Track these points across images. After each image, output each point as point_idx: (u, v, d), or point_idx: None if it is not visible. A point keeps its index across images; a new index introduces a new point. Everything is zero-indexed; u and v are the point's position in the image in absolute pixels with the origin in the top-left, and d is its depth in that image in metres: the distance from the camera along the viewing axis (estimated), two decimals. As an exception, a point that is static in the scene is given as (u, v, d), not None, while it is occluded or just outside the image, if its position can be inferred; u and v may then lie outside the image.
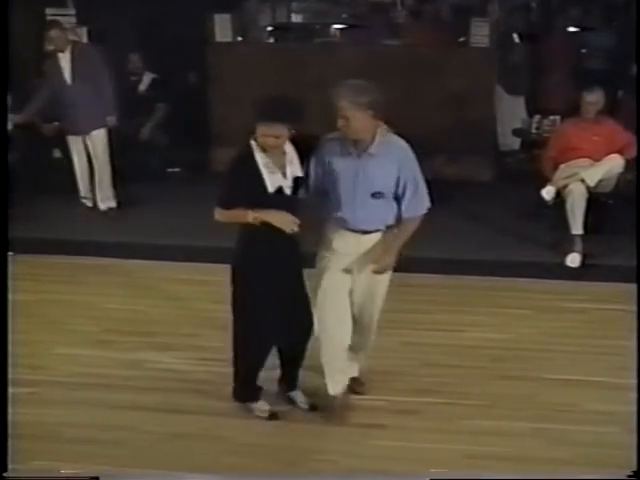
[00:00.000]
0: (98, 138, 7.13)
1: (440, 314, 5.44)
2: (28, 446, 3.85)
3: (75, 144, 7.23)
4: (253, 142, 3.75)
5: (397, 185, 3.90)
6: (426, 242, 6.46)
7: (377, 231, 3.99)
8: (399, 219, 3.99)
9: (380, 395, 4.44)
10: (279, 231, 3.74)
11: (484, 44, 8.15)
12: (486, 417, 4.24)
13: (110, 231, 6.87)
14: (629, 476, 3.34)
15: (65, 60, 6.97)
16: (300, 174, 3.84)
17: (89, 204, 7.45)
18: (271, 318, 3.95)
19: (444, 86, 8.04)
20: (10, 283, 3.97)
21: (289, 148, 3.83)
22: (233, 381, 4.22)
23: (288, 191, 3.81)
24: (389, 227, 4.00)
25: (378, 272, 4.03)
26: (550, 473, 3.75)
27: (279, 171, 3.77)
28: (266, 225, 3.74)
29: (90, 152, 7.20)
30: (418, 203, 4.00)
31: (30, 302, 5.52)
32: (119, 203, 7.36)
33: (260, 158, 3.75)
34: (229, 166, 3.83)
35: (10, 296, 3.94)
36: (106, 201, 7.34)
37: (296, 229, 3.75)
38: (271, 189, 3.76)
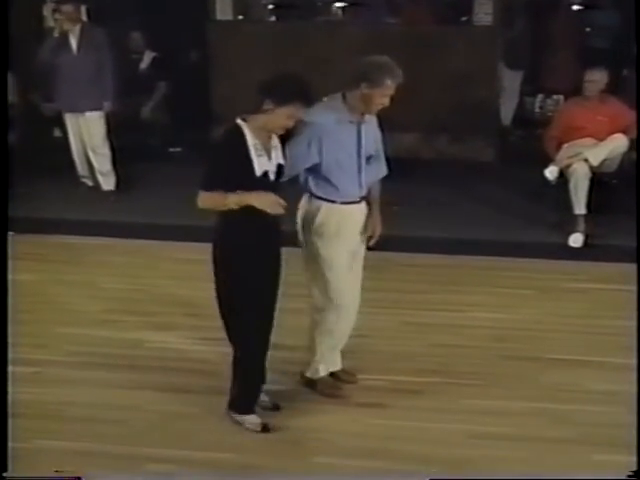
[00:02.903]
0: (92, 120, 7.12)
1: (442, 294, 5.44)
2: (29, 425, 3.87)
3: (71, 122, 7.22)
4: (241, 122, 3.61)
5: (377, 148, 4.09)
6: (428, 222, 6.53)
7: (363, 200, 4.08)
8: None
9: (380, 375, 4.44)
10: (261, 214, 3.57)
11: (487, 22, 8.11)
12: (487, 397, 4.25)
13: (111, 211, 6.88)
14: (629, 476, 3.35)
15: (74, 36, 6.98)
16: (282, 161, 3.73)
17: (90, 183, 7.46)
18: (267, 310, 3.83)
19: (447, 65, 8.00)
20: (10, 263, 3.97)
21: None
22: (234, 389, 3.94)
23: (272, 176, 3.68)
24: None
25: (374, 243, 4.15)
26: (550, 453, 3.77)
27: (265, 155, 3.65)
28: (248, 209, 3.57)
29: (83, 132, 7.19)
30: (385, 164, 4.18)
31: (31, 282, 5.52)
32: (118, 183, 7.35)
33: (250, 139, 3.61)
34: (216, 147, 3.70)
35: (10, 276, 3.93)
36: (105, 182, 7.34)
37: (282, 211, 3.62)
38: (258, 172, 3.62)
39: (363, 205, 4.11)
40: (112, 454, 3.77)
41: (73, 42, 7.02)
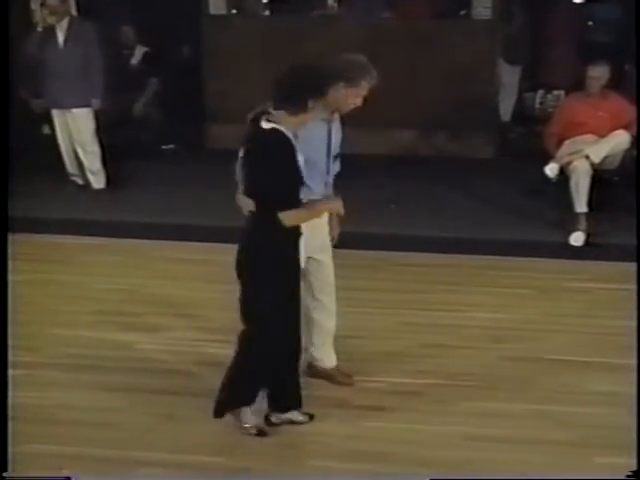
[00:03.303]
0: (80, 117, 7.10)
1: (439, 294, 5.44)
2: (22, 429, 3.86)
3: (59, 119, 7.21)
4: (278, 126, 3.53)
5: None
6: (425, 220, 6.54)
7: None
8: None
9: (378, 377, 4.44)
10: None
11: (486, 16, 8.12)
12: (486, 399, 4.25)
13: (102, 210, 6.87)
14: (628, 476, 3.35)
15: (61, 30, 6.96)
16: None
17: (80, 182, 7.45)
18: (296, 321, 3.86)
19: (445, 60, 8.01)
20: (-1, 262, 3.97)
21: None
22: (230, 388, 3.88)
23: None
24: None
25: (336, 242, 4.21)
26: (550, 456, 3.78)
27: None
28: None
29: (71, 129, 7.18)
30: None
31: (20, 282, 5.51)
32: (108, 182, 7.34)
33: (295, 142, 3.58)
34: (273, 158, 3.51)
35: (-1, 276, 3.94)
36: (96, 181, 7.33)
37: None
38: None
39: None
40: (102, 458, 3.76)
41: (60, 36, 6.97)
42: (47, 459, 3.72)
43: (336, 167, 4.14)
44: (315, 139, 3.91)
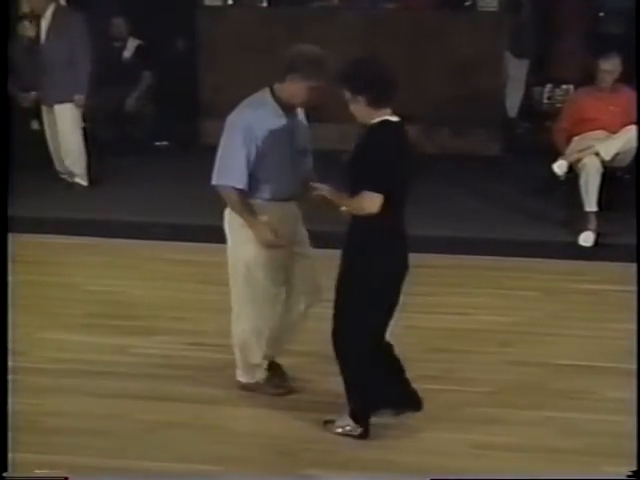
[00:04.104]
0: (61, 113, 7.07)
1: (443, 296, 5.46)
2: (10, 437, 3.87)
3: (46, 114, 7.22)
4: (390, 117, 3.70)
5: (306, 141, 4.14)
6: (429, 220, 6.54)
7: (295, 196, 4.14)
8: None
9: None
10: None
11: (493, 7, 8.14)
12: (492, 405, 4.27)
13: (92, 209, 6.89)
14: (629, 476, 3.38)
15: (45, 20, 6.94)
16: None
17: (70, 180, 7.47)
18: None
19: (449, 53, 8.04)
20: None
21: None
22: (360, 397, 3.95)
23: None
24: None
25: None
26: (557, 464, 3.79)
27: None
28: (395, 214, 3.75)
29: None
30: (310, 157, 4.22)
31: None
32: (91, 180, 7.34)
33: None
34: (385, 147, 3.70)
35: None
36: (77, 178, 7.32)
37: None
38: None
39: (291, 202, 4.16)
40: (94, 467, 3.76)
41: (44, 26, 6.92)
42: (37, 468, 3.71)
43: (307, 164, 4.14)
44: (275, 137, 3.93)
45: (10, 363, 4.54)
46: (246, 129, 3.88)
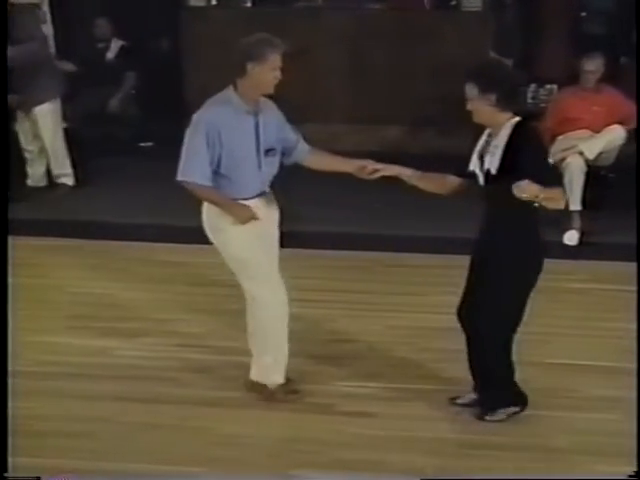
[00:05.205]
0: (43, 115, 6.95)
1: (432, 296, 5.43)
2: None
3: (22, 120, 7.11)
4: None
5: (284, 136, 4.10)
6: (417, 220, 6.52)
7: (264, 194, 4.12)
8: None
9: (367, 382, 4.44)
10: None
11: (477, 7, 8.13)
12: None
13: (76, 210, 6.82)
14: (630, 476, 3.37)
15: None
16: (494, 171, 3.96)
17: (57, 181, 7.38)
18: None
19: (434, 53, 7.99)
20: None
21: None
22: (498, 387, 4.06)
23: (480, 180, 4.09)
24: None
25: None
26: (551, 464, 3.78)
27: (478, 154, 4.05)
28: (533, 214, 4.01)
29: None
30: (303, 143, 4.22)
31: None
32: (77, 180, 7.28)
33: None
34: None
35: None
36: (63, 178, 7.26)
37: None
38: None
39: (270, 196, 4.17)
40: (82, 470, 3.73)
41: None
42: (25, 472, 3.65)
43: (273, 163, 4.10)
44: (240, 134, 3.93)
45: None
46: (209, 127, 3.90)
